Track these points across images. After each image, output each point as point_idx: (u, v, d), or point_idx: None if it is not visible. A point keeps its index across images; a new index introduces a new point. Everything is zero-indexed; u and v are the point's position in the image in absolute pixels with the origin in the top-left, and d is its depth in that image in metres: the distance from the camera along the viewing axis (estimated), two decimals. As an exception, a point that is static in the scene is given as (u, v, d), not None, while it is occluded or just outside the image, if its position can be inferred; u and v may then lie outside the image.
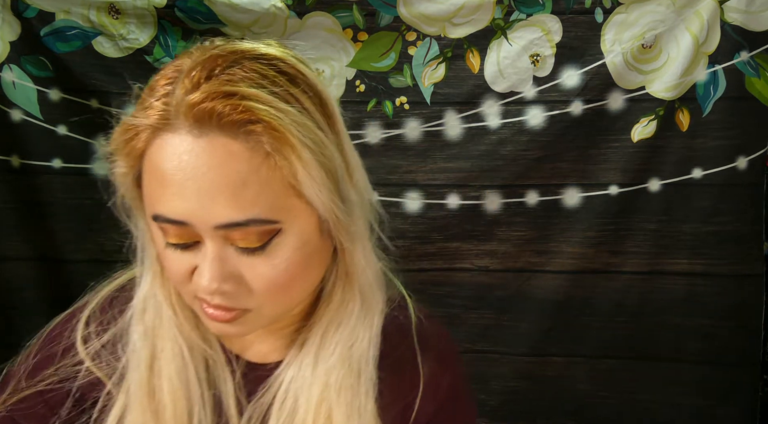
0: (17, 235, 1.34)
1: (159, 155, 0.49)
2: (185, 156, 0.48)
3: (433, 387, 0.64)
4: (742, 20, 1.29)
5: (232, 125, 0.48)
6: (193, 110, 0.48)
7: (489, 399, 1.41)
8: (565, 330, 1.39)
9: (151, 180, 0.50)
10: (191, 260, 0.52)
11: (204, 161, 0.48)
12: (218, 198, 0.48)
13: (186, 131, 0.49)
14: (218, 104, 0.48)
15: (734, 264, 1.35)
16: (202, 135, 0.48)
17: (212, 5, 1.28)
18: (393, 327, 0.63)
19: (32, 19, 1.30)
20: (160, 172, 0.49)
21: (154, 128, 0.50)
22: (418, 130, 1.37)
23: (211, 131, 0.48)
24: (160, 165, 0.49)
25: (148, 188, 0.51)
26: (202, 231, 0.50)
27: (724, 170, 1.34)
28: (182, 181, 0.48)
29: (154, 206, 0.50)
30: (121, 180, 0.54)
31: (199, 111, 0.48)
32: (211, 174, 0.48)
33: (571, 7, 1.32)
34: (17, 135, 1.33)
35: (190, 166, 0.48)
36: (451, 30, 1.34)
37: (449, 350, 0.69)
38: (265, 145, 0.49)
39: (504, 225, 1.38)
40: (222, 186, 0.48)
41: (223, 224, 0.49)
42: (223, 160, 0.48)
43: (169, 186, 0.49)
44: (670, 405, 1.39)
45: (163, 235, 0.52)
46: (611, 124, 1.35)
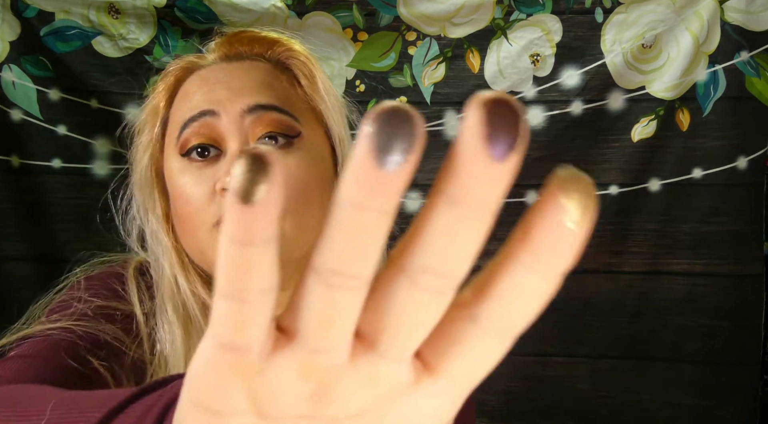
0: (17, 235, 1.34)
1: (191, 83, 0.58)
2: (216, 71, 0.57)
3: None
4: (742, 20, 1.29)
5: (258, 52, 0.59)
6: (223, 48, 0.59)
7: (489, 399, 1.40)
8: (565, 330, 1.39)
9: (183, 104, 0.57)
10: (212, 174, 0.54)
11: (232, 71, 0.57)
12: (245, 89, 0.55)
13: (217, 62, 0.59)
14: (245, 42, 0.59)
15: (734, 264, 1.35)
16: (231, 62, 0.59)
17: (212, 5, 1.28)
18: None
19: (32, 19, 1.30)
20: (192, 90, 0.57)
21: (187, 68, 0.59)
22: (418, 130, 1.37)
23: (239, 59, 0.59)
24: (191, 86, 0.58)
25: (178, 114, 0.57)
26: (229, 122, 0.54)
27: (724, 170, 1.34)
28: (213, 84, 0.56)
29: (184, 116, 0.55)
30: (145, 148, 0.59)
31: (229, 48, 0.59)
32: (239, 76, 0.56)
33: (571, 7, 1.32)
34: (17, 135, 1.33)
35: (220, 75, 0.57)
36: (451, 30, 1.34)
37: None
38: (285, 61, 0.59)
39: (504, 225, 1.37)
40: (248, 82, 0.56)
41: (250, 105, 0.54)
42: (250, 69, 0.57)
43: (200, 93, 0.56)
44: (670, 405, 1.39)
45: (186, 149, 0.55)
46: (611, 124, 1.35)
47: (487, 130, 0.15)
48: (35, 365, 0.51)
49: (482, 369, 0.19)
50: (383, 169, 0.15)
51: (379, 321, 0.18)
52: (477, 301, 0.18)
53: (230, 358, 0.18)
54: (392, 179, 0.16)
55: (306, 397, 0.19)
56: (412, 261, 0.17)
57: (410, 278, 0.17)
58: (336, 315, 0.17)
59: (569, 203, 0.16)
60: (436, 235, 0.17)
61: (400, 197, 0.16)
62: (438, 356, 0.19)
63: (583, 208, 0.16)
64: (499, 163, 0.16)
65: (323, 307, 0.17)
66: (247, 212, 0.16)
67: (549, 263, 0.17)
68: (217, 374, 0.19)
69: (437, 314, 0.18)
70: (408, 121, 0.15)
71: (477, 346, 0.18)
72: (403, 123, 0.15)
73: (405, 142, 0.15)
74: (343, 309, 0.17)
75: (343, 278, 0.17)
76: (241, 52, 0.60)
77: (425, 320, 0.18)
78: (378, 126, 0.15)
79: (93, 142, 1.35)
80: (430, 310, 0.18)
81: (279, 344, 0.18)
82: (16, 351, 0.53)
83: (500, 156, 0.16)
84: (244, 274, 0.17)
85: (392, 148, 0.15)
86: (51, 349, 0.52)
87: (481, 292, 0.18)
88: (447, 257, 0.17)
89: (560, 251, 0.17)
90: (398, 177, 0.16)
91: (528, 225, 0.17)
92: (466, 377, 0.19)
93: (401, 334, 0.18)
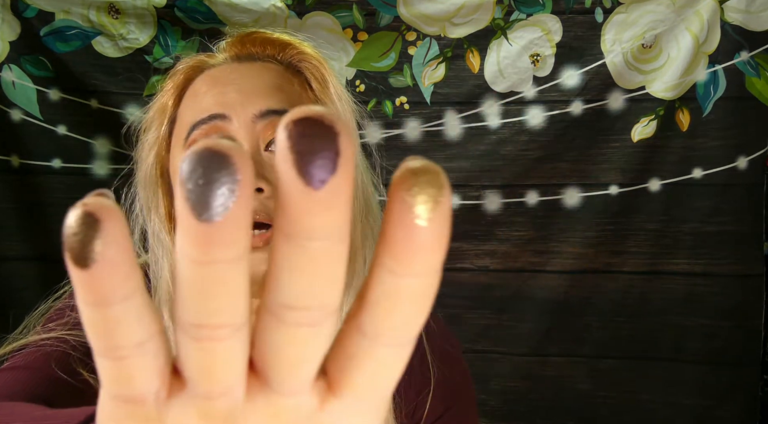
0: (17, 235, 1.34)
1: (201, 82, 0.57)
2: (227, 72, 0.57)
3: (443, 386, 0.65)
4: (742, 20, 1.29)
5: (270, 53, 0.59)
6: (234, 48, 0.59)
7: (489, 399, 1.40)
8: (565, 330, 1.39)
9: (192, 103, 0.56)
10: None
11: (244, 72, 0.57)
12: (257, 93, 0.55)
13: (228, 62, 0.59)
14: (257, 43, 0.59)
15: (734, 264, 1.35)
16: (243, 62, 0.58)
17: (212, 5, 1.28)
18: None
19: (32, 19, 1.30)
20: (202, 90, 0.56)
21: (196, 67, 0.59)
22: (418, 130, 1.37)
23: (251, 59, 0.59)
24: (201, 86, 0.57)
25: (187, 113, 0.57)
26: (240, 126, 0.54)
27: (724, 170, 1.34)
28: (224, 85, 0.55)
29: (194, 117, 0.55)
30: (151, 146, 0.59)
31: (241, 48, 0.59)
32: (251, 79, 0.56)
33: (571, 7, 1.32)
34: (17, 135, 1.33)
35: (232, 76, 0.56)
36: (451, 30, 1.34)
37: (455, 349, 0.70)
38: (297, 64, 0.59)
39: (504, 225, 1.38)
40: (260, 85, 0.55)
41: (262, 110, 0.54)
42: (262, 71, 0.57)
43: (211, 94, 0.55)
44: (670, 405, 1.39)
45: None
46: (611, 124, 1.35)
47: (294, 157, 0.14)
48: (25, 377, 0.51)
49: (385, 380, 0.18)
50: (207, 223, 0.14)
51: (265, 359, 0.18)
52: (359, 312, 0.17)
53: (126, 409, 0.18)
54: (223, 230, 0.14)
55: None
56: (274, 300, 0.17)
57: (276, 316, 0.17)
58: (214, 364, 0.17)
59: (413, 200, 0.15)
60: (284, 271, 0.16)
61: (247, 240, 0.15)
62: (338, 373, 0.18)
63: (430, 203, 0.15)
64: (318, 192, 0.14)
65: (198, 359, 0.17)
66: (89, 276, 0.15)
67: (412, 263, 0.16)
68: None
69: (320, 343, 0.17)
70: (223, 164, 0.14)
71: (370, 358, 0.18)
72: (217, 167, 0.14)
73: (224, 190, 0.14)
74: (219, 357, 0.17)
75: (207, 330, 0.16)
76: (253, 53, 0.60)
77: (307, 352, 0.17)
78: (189, 174, 0.14)
79: (93, 142, 1.35)
80: (309, 342, 0.17)
81: (175, 390, 0.18)
82: (9, 362, 0.54)
83: (318, 183, 0.14)
84: (109, 334, 0.16)
85: (209, 202, 0.14)
86: (42, 360, 0.52)
87: (361, 303, 0.17)
88: (302, 291, 0.16)
89: (418, 249, 0.16)
90: (229, 226, 0.14)
91: (384, 228, 0.16)
92: (370, 391, 0.18)
93: (287, 370, 0.17)
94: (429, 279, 0.16)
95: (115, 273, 0.15)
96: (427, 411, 0.64)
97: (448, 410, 0.66)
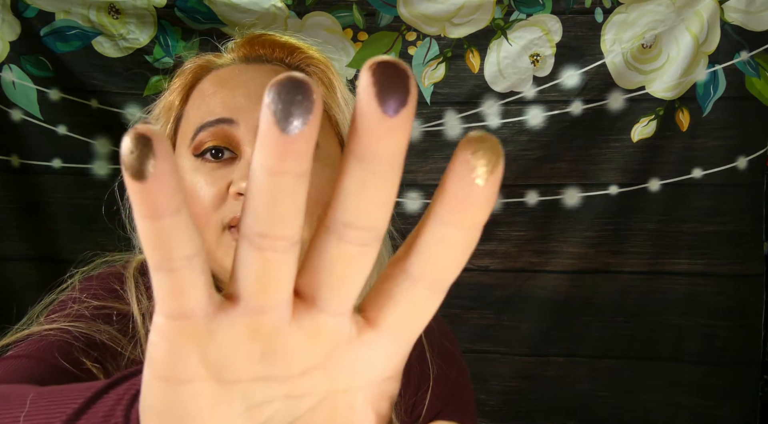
0: (17, 235, 1.34)
1: (209, 82, 0.58)
2: (235, 73, 0.57)
3: (442, 383, 0.65)
4: (742, 20, 1.29)
5: (279, 57, 0.60)
6: (243, 49, 0.60)
7: (489, 399, 1.40)
8: (565, 330, 1.39)
9: (199, 104, 0.57)
10: (225, 174, 0.54)
11: (252, 75, 0.57)
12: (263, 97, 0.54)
13: (237, 63, 0.59)
14: (266, 45, 0.60)
15: (734, 264, 1.35)
16: (251, 64, 0.59)
17: (212, 5, 1.28)
18: None
19: (32, 19, 1.30)
20: (210, 91, 0.57)
21: (204, 67, 0.59)
22: (418, 130, 1.37)
23: (259, 61, 0.59)
24: (209, 87, 0.57)
25: (193, 113, 0.57)
26: (247, 132, 0.54)
27: (724, 170, 1.34)
28: (232, 89, 0.56)
29: (201, 119, 0.55)
30: None
31: (249, 49, 0.60)
32: (259, 82, 0.56)
33: (571, 7, 1.32)
34: (17, 135, 1.33)
35: (240, 78, 0.57)
36: (451, 30, 1.34)
37: (454, 347, 0.70)
38: (305, 68, 0.59)
39: (504, 225, 1.38)
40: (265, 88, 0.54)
41: None
42: (269, 75, 0.57)
43: (219, 96, 0.56)
44: (670, 405, 1.39)
45: (200, 151, 0.55)
46: (611, 124, 1.35)
47: (376, 89, 0.17)
48: (29, 365, 0.51)
49: (419, 320, 0.21)
50: (287, 134, 0.17)
51: (315, 278, 0.20)
52: (407, 256, 0.20)
53: (178, 326, 0.19)
54: (298, 143, 0.17)
55: (257, 358, 0.20)
56: (335, 218, 0.19)
57: (335, 234, 0.19)
58: (271, 275, 0.19)
59: (476, 162, 0.18)
60: (350, 191, 0.18)
61: (310, 159, 0.18)
62: (378, 310, 0.20)
63: (489, 165, 0.18)
64: (392, 119, 0.17)
65: (257, 269, 0.19)
66: (144, 188, 0.17)
67: (464, 216, 0.19)
68: (168, 344, 0.20)
69: (366, 265, 0.19)
70: (303, 88, 0.17)
71: (410, 297, 0.20)
72: (298, 90, 0.17)
73: (302, 107, 0.17)
74: (276, 269, 0.19)
75: (270, 240, 0.18)
76: (261, 54, 0.60)
77: (356, 271, 0.19)
78: (275, 96, 0.17)
79: (93, 142, 1.35)
80: (359, 261, 0.19)
81: (224, 308, 0.20)
82: (13, 351, 0.54)
83: (392, 112, 0.17)
84: (163, 245, 0.18)
85: (292, 115, 0.17)
86: (45, 350, 0.53)
87: (410, 248, 0.20)
88: (363, 210, 0.18)
89: (472, 205, 0.18)
90: (303, 140, 0.17)
91: (444, 184, 0.19)
92: (405, 329, 0.21)
93: (335, 287, 0.19)
94: (473, 233, 0.19)
95: (167, 185, 0.17)
96: (425, 407, 0.64)
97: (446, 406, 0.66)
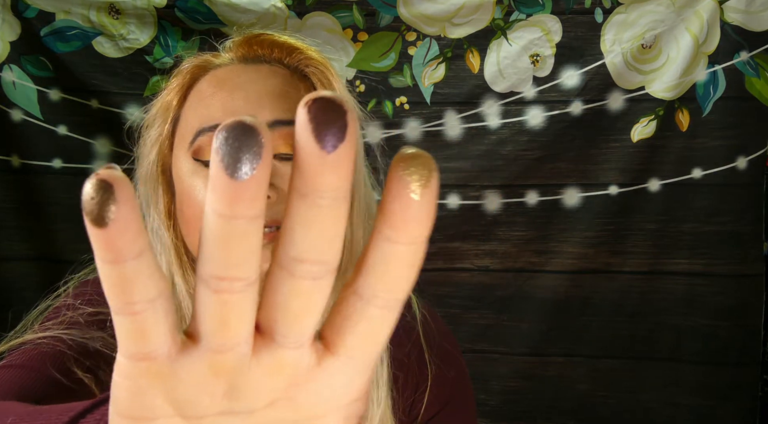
0: (17, 235, 1.34)
1: (206, 83, 0.58)
2: (234, 76, 0.57)
3: (440, 383, 0.65)
4: (741, 20, 1.29)
5: (277, 57, 0.59)
6: (241, 49, 0.59)
7: (489, 399, 1.41)
8: (565, 330, 1.39)
9: (198, 105, 0.57)
10: None
11: (251, 76, 0.57)
12: (264, 101, 0.55)
13: (235, 64, 0.59)
14: (265, 45, 0.60)
15: (734, 264, 1.35)
16: (249, 65, 0.59)
17: (212, 5, 1.28)
18: (400, 325, 0.65)
19: (32, 19, 1.30)
20: (208, 92, 0.57)
21: (202, 67, 0.59)
22: (418, 130, 1.37)
23: (257, 62, 0.59)
24: (207, 88, 0.57)
25: (192, 115, 0.57)
26: None
27: (724, 170, 1.34)
28: (231, 91, 0.56)
29: (200, 123, 0.56)
30: (153, 143, 0.59)
31: (247, 49, 0.59)
32: (258, 84, 0.56)
33: (571, 7, 1.32)
34: (17, 135, 1.33)
35: (239, 80, 0.56)
36: (451, 30, 1.34)
37: (453, 347, 0.70)
38: (303, 69, 0.59)
39: (504, 225, 1.38)
40: (267, 92, 0.55)
41: (269, 121, 0.54)
42: (269, 76, 0.57)
43: (217, 98, 0.56)
44: (670, 405, 1.39)
45: (199, 155, 0.55)
46: (611, 124, 1.35)
47: (313, 126, 0.17)
48: (21, 375, 0.51)
49: (377, 339, 0.21)
50: (237, 180, 0.17)
51: (272, 314, 0.20)
52: (357, 277, 0.20)
53: (141, 366, 0.20)
54: (248, 188, 0.17)
55: (220, 394, 0.21)
56: (285, 254, 0.19)
57: (287, 270, 0.19)
58: (229, 315, 0.19)
59: (409, 177, 0.18)
60: (297, 226, 0.19)
61: (263, 200, 0.18)
62: (335, 334, 0.21)
63: (422, 180, 0.18)
64: (330, 155, 0.17)
65: (216, 310, 0.19)
66: (105, 234, 0.17)
67: (405, 231, 0.19)
68: (132, 383, 0.20)
69: (321, 298, 0.20)
70: (251, 132, 0.17)
71: (365, 318, 0.20)
72: (247, 134, 0.17)
73: (251, 152, 0.17)
74: (233, 309, 0.19)
75: (226, 282, 0.19)
76: (260, 54, 0.60)
77: (310, 305, 0.20)
78: (223, 141, 0.17)
79: (93, 142, 1.35)
80: (312, 295, 0.20)
81: (186, 348, 0.20)
82: (6, 361, 0.54)
83: (331, 148, 0.17)
84: (125, 290, 0.18)
85: (240, 161, 0.17)
86: (38, 359, 0.53)
87: (359, 269, 0.20)
88: (311, 245, 0.19)
89: (411, 219, 0.19)
90: (254, 185, 0.17)
91: (383, 202, 0.19)
92: (364, 350, 0.21)
93: (291, 322, 0.20)
94: (418, 247, 0.19)
95: (128, 230, 0.17)
96: (424, 407, 0.64)
97: (446, 406, 0.66)
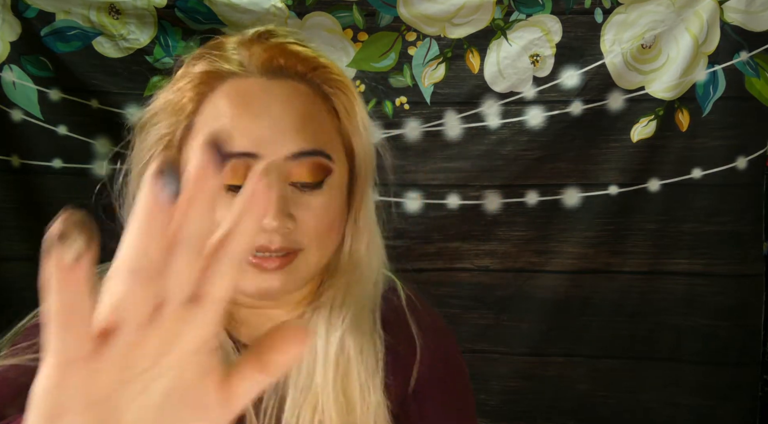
0: (17, 235, 1.34)
1: (227, 98, 0.55)
2: (258, 95, 0.54)
3: (429, 356, 0.65)
4: (741, 20, 1.29)
5: (301, 72, 0.57)
6: (262, 58, 0.56)
7: (489, 399, 1.40)
8: (565, 330, 1.39)
9: (215, 120, 0.54)
10: None
11: (274, 98, 0.54)
12: (288, 129, 0.53)
13: (258, 76, 0.56)
14: (285, 55, 0.56)
15: (734, 264, 1.35)
16: (273, 79, 0.56)
17: (212, 5, 1.28)
18: (388, 307, 0.66)
19: (32, 19, 1.30)
20: (228, 111, 0.54)
21: (220, 74, 0.56)
22: (418, 130, 1.37)
23: (281, 76, 0.56)
24: (228, 105, 0.54)
25: (209, 129, 0.55)
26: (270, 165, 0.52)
27: (723, 170, 1.34)
28: (256, 116, 0.53)
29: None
30: (158, 140, 0.57)
31: (269, 60, 0.56)
32: (280, 108, 0.54)
33: (571, 7, 1.32)
34: (17, 135, 1.33)
35: (262, 103, 0.54)
36: (451, 30, 1.34)
37: (440, 324, 0.71)
38: (326, 88, 0.57)
39: (504, 225, 1.38)
40: (290, 118, 0.54)
41: (294, 152, 0.53)
42: (292, 95, 0.55)
43: (241, 121, 0.53)
44: (670, 405, 1.39)
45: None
46: (611, 124, 1.35)
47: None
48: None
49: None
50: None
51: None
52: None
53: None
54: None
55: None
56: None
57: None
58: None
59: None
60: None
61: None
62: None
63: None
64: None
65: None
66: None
67: None
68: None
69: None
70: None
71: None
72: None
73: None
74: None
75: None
76: (282, 66, 0.57)
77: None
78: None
79: (93, 142, 1.35)
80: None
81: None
82: None
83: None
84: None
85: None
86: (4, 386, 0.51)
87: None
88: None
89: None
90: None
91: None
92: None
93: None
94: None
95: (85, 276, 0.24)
96: (414, 380, 0.64)
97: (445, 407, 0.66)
